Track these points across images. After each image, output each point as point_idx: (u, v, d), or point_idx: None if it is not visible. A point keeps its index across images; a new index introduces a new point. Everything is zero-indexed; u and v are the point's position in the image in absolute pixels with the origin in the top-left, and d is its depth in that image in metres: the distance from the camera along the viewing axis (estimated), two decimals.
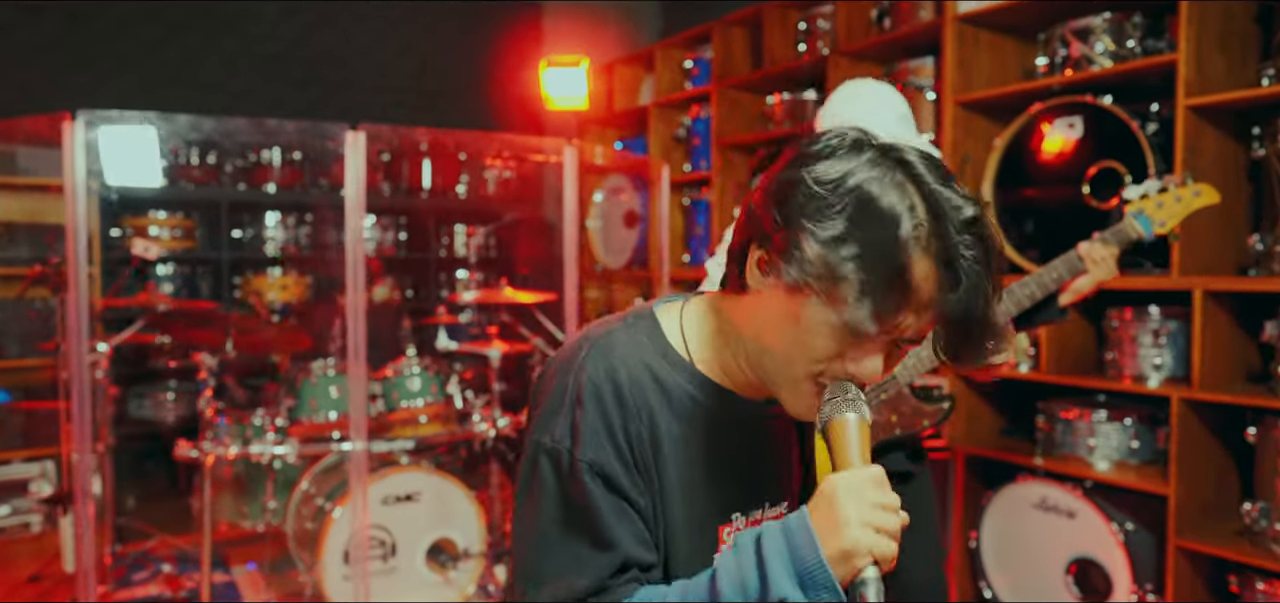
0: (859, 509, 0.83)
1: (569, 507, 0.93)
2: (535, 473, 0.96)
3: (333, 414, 3.52)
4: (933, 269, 0.86)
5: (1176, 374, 2.86)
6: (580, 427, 0.93)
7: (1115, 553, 2.91)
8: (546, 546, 0.93)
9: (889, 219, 0.85)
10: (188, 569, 3.90)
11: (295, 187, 4.94)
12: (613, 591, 0.92)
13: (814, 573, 0.82)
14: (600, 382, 0.95)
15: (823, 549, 0.83)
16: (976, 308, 0.86)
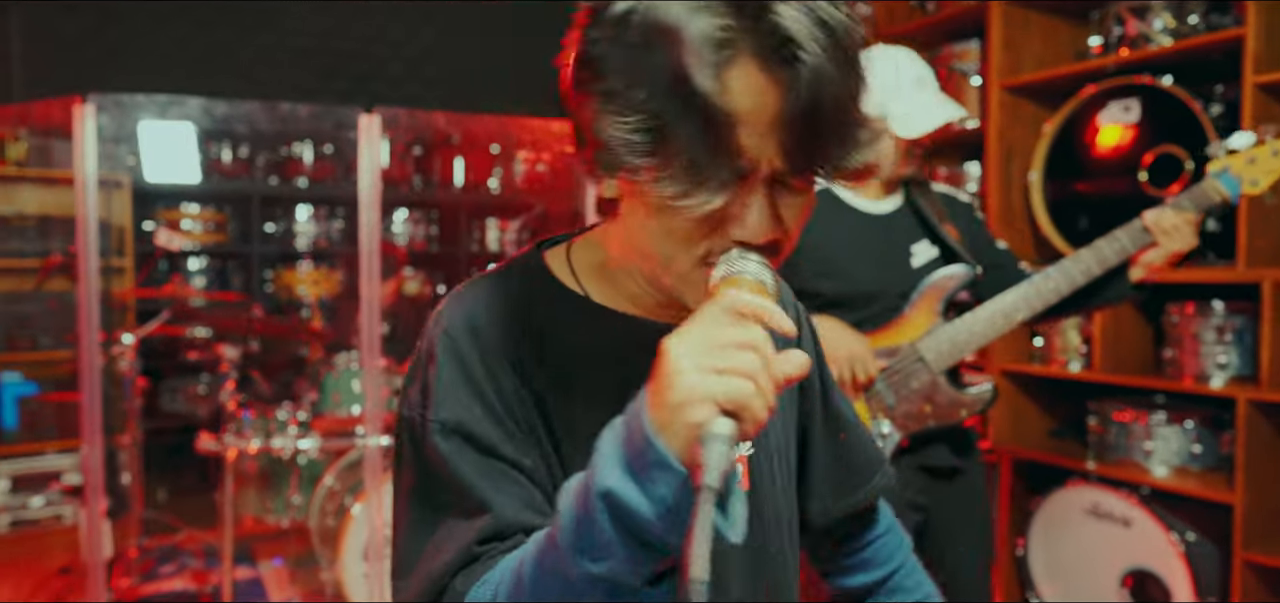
0: (692, 353, 0.62)
1: (428, 479, 0.78)
2: (398, 450, 0.81)
3: (356, 409, 3.47)
4: (753, 71, 0.66)
5: (1243, 373, 2.66)
6: (432, 385, 0.77)
7: (1175, 565, 2.72)
8: (411, 529, 0.78)
9: (675, 42, 0.66)
10: (215, 564, 3.89)
11: (327, 180, 4.92)
12: (484, 559, 0.73)
13: (643, 450, 0.61)
14: (457, 332, 0.79)
15: (650, 417, 0.61)
16: (826, 93, 0.66)
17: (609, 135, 0.69)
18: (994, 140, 3.14)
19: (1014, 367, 3.14)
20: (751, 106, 0.67)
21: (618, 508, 0.61)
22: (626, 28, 0.69)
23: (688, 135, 0.67)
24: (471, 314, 0.81)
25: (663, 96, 0.67)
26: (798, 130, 0.67)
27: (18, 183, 4.19)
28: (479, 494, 0.74)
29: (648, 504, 0.60)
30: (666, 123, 0.67)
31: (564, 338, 0.82)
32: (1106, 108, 2.87)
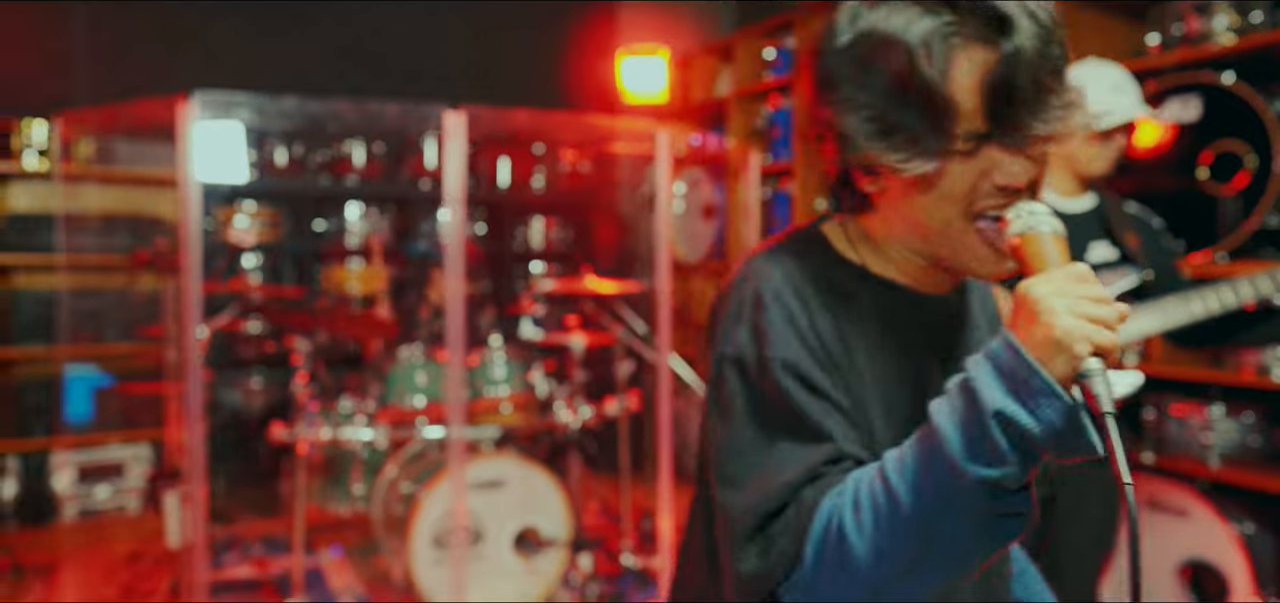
0: (1064, 299, 0.73)
1: (764, 408, 0.88)
2: (721, 386, 0.91)
3: (420, 401, 3.55)
4: (974, 49, 0.80)
5: None
6: (764, 327, 0.88)
7: (1233, 556, 2.77)
8: (742, 450, 0.88)
9: (897, 47, 0.81)
10: (275, 552, 3.98)
11: (377, 179, 5.01)
12: (828, 475, 0.84)
13: (1028, 379, 0.72)
14: (779, 284, 0.91)
15: (1029, 350, 0.73)
16: (1026, 61, 0.79)
17: (864, 138, 0.84)
18: None
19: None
20: (978, 80, 0.81)
21: (1010, 425, 0.72)
22: (855, 49, 0.84)
23: (924, 117, 0.80)
24: (788, 272, 0.92)
25: (896, 90, 0.81)
26: (1009, 93, 0.79)
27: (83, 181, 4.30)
28: (816, 423, 0.85)
29: (1036, 424, 0.72)
30: (902, 112, 0.81)
31: (851, 300, 0.93)
32: (1167, 104, 2.92)
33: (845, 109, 0.86)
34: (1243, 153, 2.73)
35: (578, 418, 3.59)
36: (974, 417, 0.74)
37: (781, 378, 0.86)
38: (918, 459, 0.77)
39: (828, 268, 0.95)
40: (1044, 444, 0.73)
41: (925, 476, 0.76)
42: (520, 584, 3.38)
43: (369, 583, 3.67)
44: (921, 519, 0.76)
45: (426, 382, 3.57)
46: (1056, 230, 0.82)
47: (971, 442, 0.73)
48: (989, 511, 0.74)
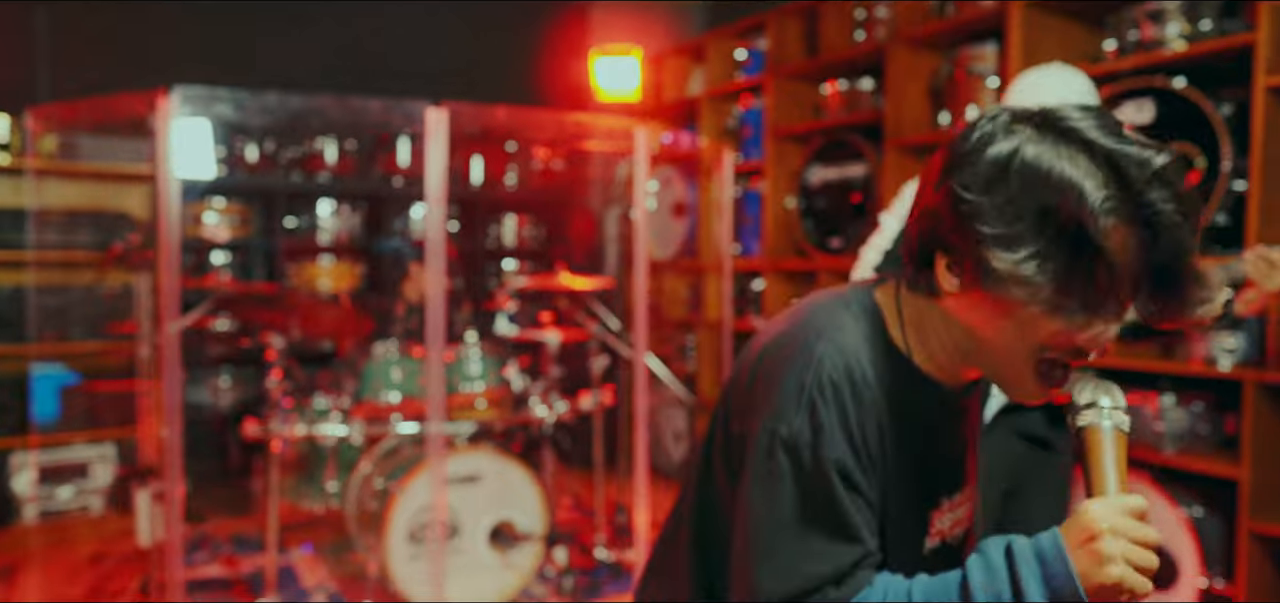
0: (1120, 544, 0.83)
1: (810, 500, 0.93)
2: (772, 463, 0.95)
3: (395, 396, 3.57)
4: (1128, 233, 0.84)
5: (1250, 356, 2.83)
6: (823, 423, 0.93)
7: (1182, 538, 2.89)
8: (786, 534, 0.93)
9: (1067, 205, 0.83)
10: (245, 551, 3.97)
11: (349, 176, 5.00)
12: (853, 578, 0.93)
13: (1064, 590, 0.84)
14: (840, 379, 0.94)
15: (1081, 581, 0.84)
16: (1179, 262, 0.84)
17: (994, 255, 0.86)
18: None
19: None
20: (1122, 259, 0.84)
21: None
22: (1014, 166, 0.86)
23: (1073, 284, 0.85)
24: (851, 360, 0.96)
25: (1057, 254, 0.84)
26: (1154, 285, 0.85)
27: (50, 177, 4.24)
28: (852, 525, 0.93)
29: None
30: (1055, 275, 0.85)
31: (897, 394, 0.98)
32: (1121, 108, 3.03)
33: (989, 238, 0.87)
34: (1193, 155, 2.86)
35: (552, 413, 3.63)
36: (1015, 593, 0.86)
37: (831, 475, 0.93)
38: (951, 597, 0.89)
39: (882, 359, 0.99)
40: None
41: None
42: (496, 578, 3.41)
43: (342, 581, 3.67)
44: None
45: (401, 378, 3.58)
46: (1119, 427, 0.90)
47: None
48: None
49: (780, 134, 4.44)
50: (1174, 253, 0.84)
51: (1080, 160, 0.84)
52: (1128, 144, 0.85)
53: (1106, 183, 0.83)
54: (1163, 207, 0.83)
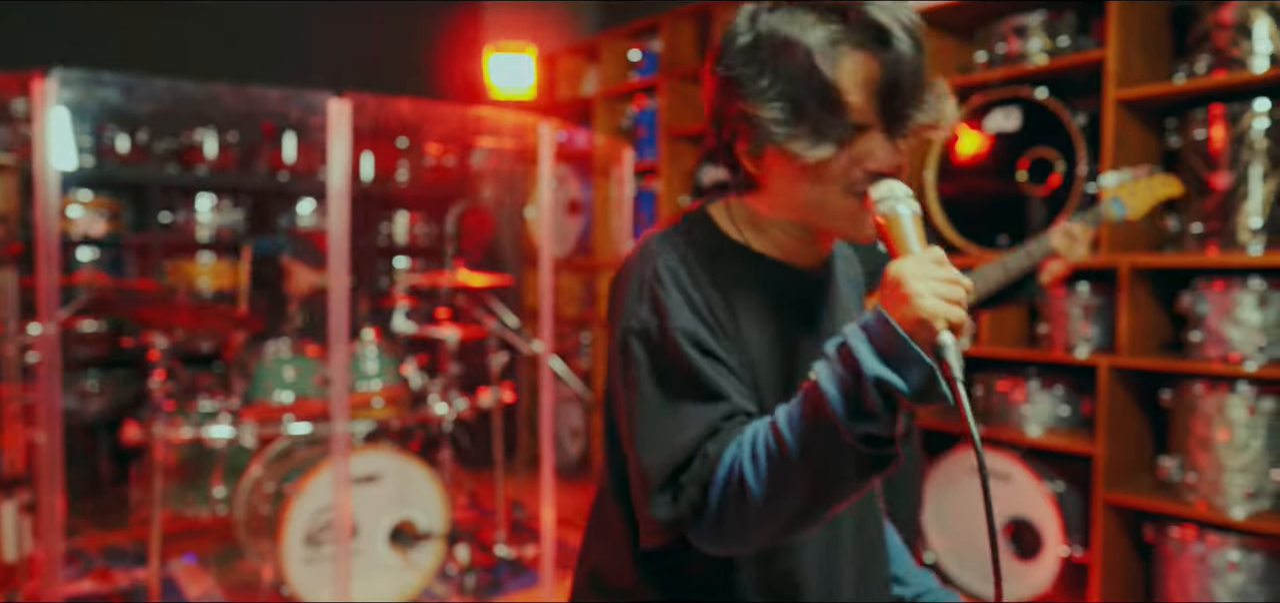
0: (926, 282, 0.88)
1: (670, 375, 0.98)
2: (629, 357, 1.01)
3: (288, 397, 3.46)
4: (859, 56, 0.94)
5: (1102, 345, 3.12)
6: (665, 303, 0.99)
7: (1047, 511, 3.15)
8: (656, 413, 0.98)
9: (798, 51, 0.95)
10: (121, 563, 3.75)
11: (229, 170, 4.79)
12: (727, 429, 0.96)
13: (899, 349, 0.86)
14: (674, 263, 1.02)
15: (900, 326, 0.86)
16: (902, 66, 0.94)
17: (761, 124, 0.96)
18: None
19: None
20: (861, 80, 0.95)
21: (884, 386, 0.86)
22: (758, 47, 0.97)
23: (821, 110, 0.94)
24: (681, 252, 1.03)
25: (798, 86, 0.95)
26: (893, 91, 0.94)
27: None
28: (714, 385, 0.97)
29: (905, 386, 0.86)
30: (804, 105, 0.95)
31: (736, 275, 1.05)
32: (991, 115, 3.28)
33: (750, 101, 0.98)
34: (1054, 159, 3.12)
35: (452, 411, 3.61)
36: (854, 381, 0.87)
37: (682, 346, 0.97)
38: (805, 416, 0.90)
39: (715, 247, 1.06)
40: (910, 400, 0.86)
41: (812, 430, 0.89)
42: (397, 578, 3.36)
43: (230, 590, 3.53)
44: (810, 466, 0.89)
45: (294, 377, 3.47)
46: (915, 212, 0.96)
47: (852, 402, 0.87)
48: (866, 455, 0.88)
49: (674, 134, 4.54)
50: (897, 58, 0.94)
51: (809, 14, 0.96)
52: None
53: (830, 19, 0.95)
54: (878, 18, 0.94)
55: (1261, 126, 2.68)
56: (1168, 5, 3.01)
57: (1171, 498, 2.84)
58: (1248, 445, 2.68)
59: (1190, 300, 2.81)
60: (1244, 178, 2.71)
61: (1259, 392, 2.66)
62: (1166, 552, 2.84)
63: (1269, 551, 2.64)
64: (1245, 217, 2.71)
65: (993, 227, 3.28)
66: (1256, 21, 2.67)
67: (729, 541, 0.96)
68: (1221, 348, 2.72)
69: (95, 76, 2.14)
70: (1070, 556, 3.10)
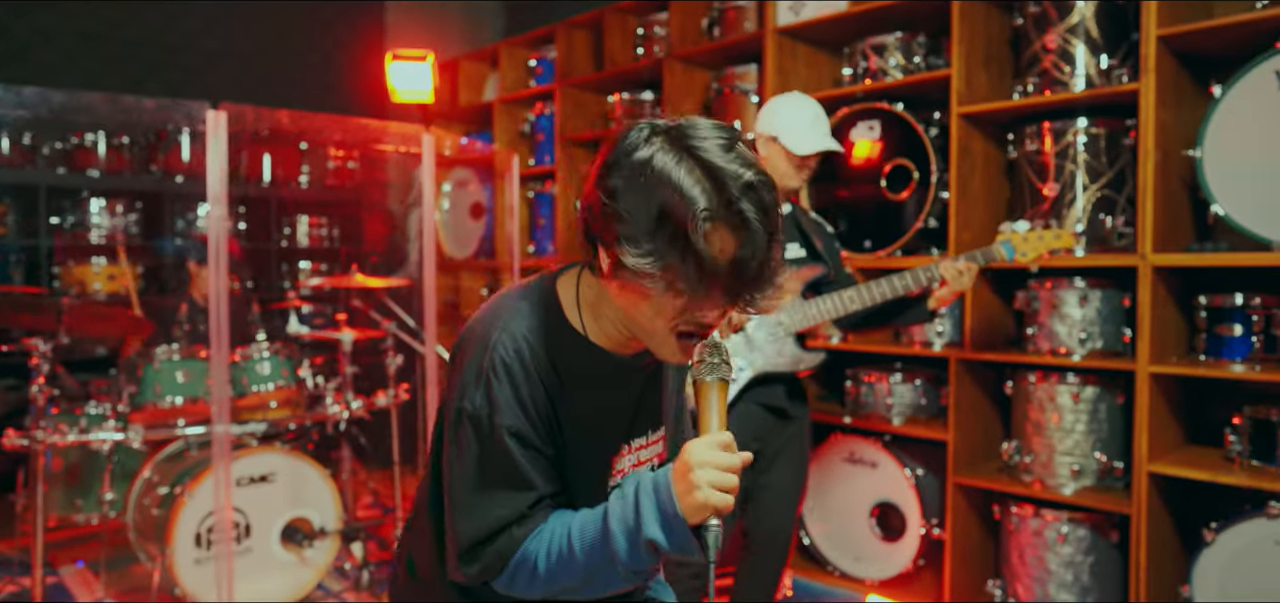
0: (708, 474, 1.05)
1: (491, 460, 1.15)
2: (459, 434, 1.17)
3: (178, 400, 3.48)
4: (725, 234, 1.02)
5: (953, 340, 3.39)
6: (496, 397, 1.13)
7: (908, 494, 3.41)
8: (474, 490, 1.16)
9: (677, 210, 1.01)
10: (6, 573, 3.71)
11: (124, 172, 4.74)
12: (531, 517, 1.16)
13: (673, 524, 1.07)
14: (510, 360, 1.14)
15: (680, 505, 1.06)
16: (759, 258, 1.03)
17: (625, 250, 1.05)
18: None
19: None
20: (718, 249, 1.03)
21: (655, 545, 1.09)
22: (645, 178, 1.04)
23: (682, 265, 1.03)
24: (519, 346, 1.15)
25: (670, 253, 1.03)
26: (742, 271, 1.05)
27: None
28: (528, 476, 1.16)
29: (670, 545, 1.09)
30: (667, 253, 1.04)
31: (570, 366, 1.19)
32: (856, 127, 3.52)
33: (625, 223, 1.04)
34: (911, 168, 3.37)
35: (347, 411, 3.68)
36: (635, 534, 1.09)
37: (505, 440, 1.14)
38: (594, 539, 1.13)
39: (555, 334, 1.18)
40: (671, 555, 1.09)
41: (597, 551, 1.12)
42: (291, 576, 3.42)
43: (122, 595, 3.53)
44: (587, 573, 1.14)
45: (186, 381, 3.49)
46: (723, 380, 1.11)
47: (630, 548, 1.10)
48: (634, 577, 1.14)
49: (569, 140, 4.69)
50: (757, 250, 1.03)
51: (694, 172, 1.01)
52: (732, 162, 1.03)
53: (709, 192, 1.01)
54: (749, 213, 1.02)
55: (1082, 141, 2.97)
56: (1007, 30, 3.29)
57: (1012, 479, 3.11)
58: (1073, 429, 2.97)
59: (1024, 298, 3.09)
60: (1069, 186, 3.00)
61: (1083, 381, 2.95)
62: (1009, 528, 3.11)
63: (1092, 524, 2.93)
64: (1071, 222, 2.99)
65: (857, 231, 3.52)
66: (1076, 47, 2.96)
67: (515, 597, 1.20)
68: (1052, 341, 3.00)
69: None
70: (929, 533, 3.36)
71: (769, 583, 2.68)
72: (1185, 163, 2.82)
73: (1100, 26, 2.94)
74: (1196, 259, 2.69)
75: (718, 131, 1.06)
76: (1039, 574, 3.02)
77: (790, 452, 2.67)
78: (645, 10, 4.44)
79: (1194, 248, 2.83)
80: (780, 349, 2.57)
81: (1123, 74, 2.89)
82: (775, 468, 2.63)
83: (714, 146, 1.04)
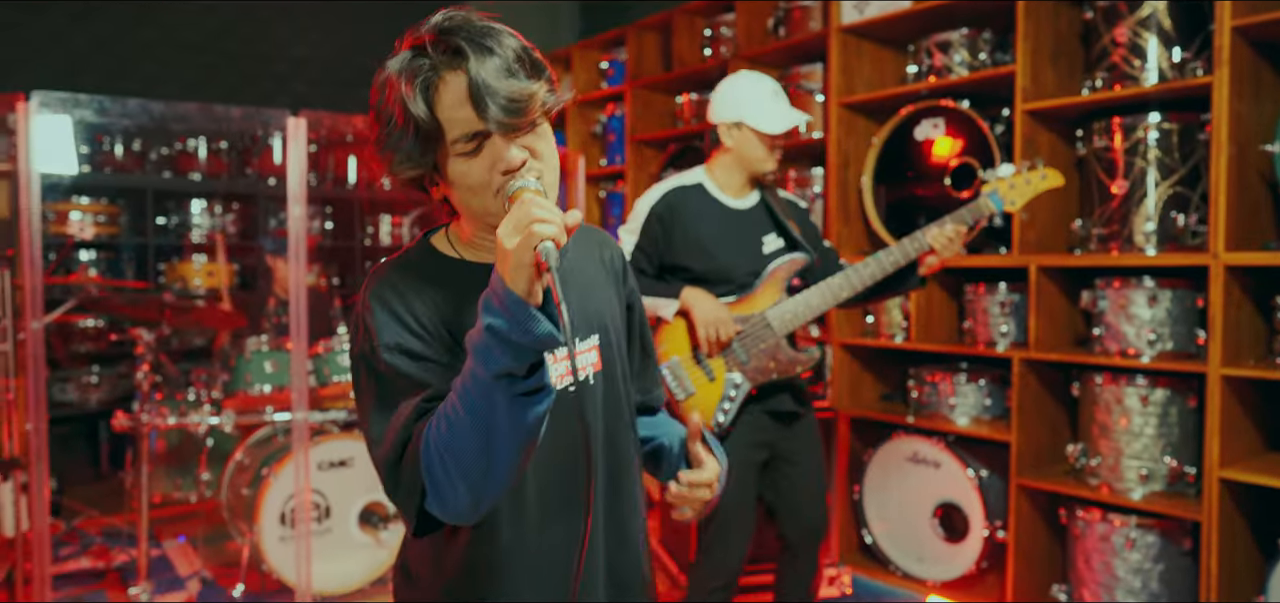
0: (509, 225, 0.96)
1: (384, 384, 1.10)
2: (357, 380, 1.15)
3: (267, 388, 3.72)
4: (441, 74, 1.05)
5: (1017, 339, 3.33)
6: (374, 326, 1.11)
7: (971, 496, 3.37)
8: (375, 418, 1.11)
9: (393, 82, 1.06)
10: (117, 544, 4.03)
11: (222, 175, 5.07)
12: (430, 412, 1.07)
13: (502, 296, 0.95)
14: (380, 290, 1.14)
15: (500, 279, 0.96)
16: (487, 65, 1.04)
17: (398, 160, 1.10)
18: (833, 149, 3.72)
19: (851, 341, 3.74)
20: (459, 97, 1.05)
21: (494, 331, 0.96)
22: (382, 97, 1.10)
23: (414, 138, 1.07)
24: (388, 279, 1.17)
25: (397, 124, 1.07)
26: (484, 96, 1.04)
27: None
28: (419, 380, 1.11)
29: (508, 321, 0.95)
30: (403, 138, 1.07)
31: (447, 285, 1.18)
32: (920, 124, 3.49)
33: (385, 144, 1.09)
34: (975, 166, 3.33)
35: None
36: (478, 334, 0.97)
37: (389, 357, 1.09)
38: (463, 378, 1.01)
39: (427, 265, 1.18)
40: (515, 334, 0.94)
41: (470, 386, 0.99)
42: (367, 556, 3.62)
43: (216, 568, 3.79)
44: (475, 416, 0.99)
45: (273, 370, 3.73)
46: (532, 186, 1.04)
47: (480, 351, 0.97)
48: (513, 395, 0.98)
49: (639, 140, 4.78)
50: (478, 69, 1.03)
51: (408, 58, 1.07)
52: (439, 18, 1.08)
53: (420, 58, 1.06)
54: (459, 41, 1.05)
55: (1153, 137, 2.89)
56: (1077, 24, 3.22)
57: (1078, 482, 3.04)
58: (1142, 433, 2.89)
59: (1090, 298, 3.02)
60: (1140, 183, 2.92)
61: (1152, 383, 2.87)
62: (1075, 532, 3.05)
63: (1162, 529, 2.85)
64: (1141, 220, 2.91)
65: None
66: (1148, 40, 2.88)
67: (451, 503, 1.04)
68: (1120, 342, 2.93)
69: (73, 98, 2.39)
70: (992, 535, 3.32)
71: (810, 575, 2.69)
72: (1263, 158, 2.71)
73: (1173, 19, 2.85)
74: (1272, 258, 2.58)
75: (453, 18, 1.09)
76: (1106, 580, 2.95)
77: (806, 451, 2.61)
78: (713, 11, 4.49)
79: (1270, 246, 2.72)
80: (775, 355, 2.45)
81: (1197, 67, 2.80)
82: (796, 470, 2.59)
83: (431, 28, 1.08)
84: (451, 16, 1.09)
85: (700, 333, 2.42)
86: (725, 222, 2.51)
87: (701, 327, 2.41)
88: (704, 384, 2.46)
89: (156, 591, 3.54)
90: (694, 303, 2.43)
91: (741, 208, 2.55)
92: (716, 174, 2.55)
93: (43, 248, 4.44)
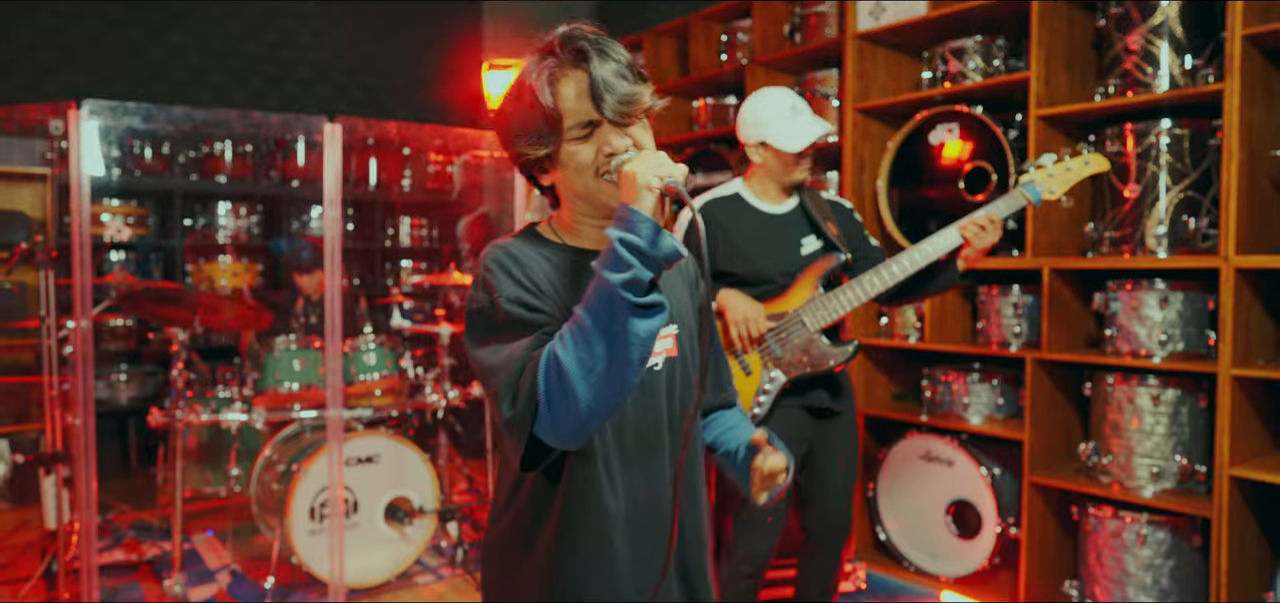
0: (640, 163, 1.16)
1: (501, 329, 1.25)
2: (474, 329, 1.31)
3: (295, 386, 3.81)
4: (565, 71, 1.24)
5: (1030, 340, 3.40)
6: (492, 283, 1.26)
7: (984, 493, 3.43)
8: (491, 357, 1.26)
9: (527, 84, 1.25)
10: (148, 538, 4.13)
11: (246, 178, 5.17)
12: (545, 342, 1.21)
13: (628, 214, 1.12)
14: (500, 255, 1.29)
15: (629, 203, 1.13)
16: (606, 67, 1.23)
17: (522, 147, 1.28)
18: (849, 153, 3.79)
19: (865, 341, 3.80)
20: (579, 92, 1.24)
21: (626, 242, 1.11)
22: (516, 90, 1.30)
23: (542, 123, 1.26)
24: (506, 247, 1.33)
25: (534, 109, 1.26)
26: (602, 91, 1.23)
27: None
28: (536, 322, 1.26)
29: (637, 237, 1.11)
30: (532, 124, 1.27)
31: (553, 263, 1.34)
32: (934, 129, 3.56)
33: (511, 134, 1.29)
34: (989, 170, 3.40)
35: (444, 400, 3.95)
36: (608, 250, 1.12)
37: (507, 307, 1.24)
38: (589, 294, 1.14)
39: (536, 246, 1.34)
40: (645, 245, 1.10)
41: (594, 299, 1.13)
42: (393, 550, 3.71)
43: (246, 562, 3.89)
44: (598, 324, 1.11)
45: (301, 369, 3.83)
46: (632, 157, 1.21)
47: (608, 264, 1.11)
48: (632, 304, 1.10)
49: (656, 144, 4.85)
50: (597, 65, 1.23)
51: (537, 60, 1.26)
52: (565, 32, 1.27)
53: (547, 59, 1.26)
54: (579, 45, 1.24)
55: (1165, 143, 2.95)
56: (1090, 31, 3.28)
57: (1090, 480, 3.11)
58: (1153, 432, 2.95)
59: (1102, 300, 3.09)
60: (1151, 187, 2.98)
61: (1163, 383, 2.93)
62: (1087, 529, 3.11)
63: (1172, 527, 2.91)
64: (1152, 224, 2.98)
65: None
66: (1159, 48, 2.94)
67: (562, 418, 1.15)
68: (1131, 343, 2.99)
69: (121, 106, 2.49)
70: (1005, 532, 3.38)
71: (831, 571, 2.76)
72: (1273, 163, 2.78)
73: (1185, 26, 2.91)
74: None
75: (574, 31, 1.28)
76: (1117, 576, 3.01)
77: (841, 448, 2.67)
78: (729, 16, 4.56)
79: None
80: (808, 349, 2.54)
81: (1208, 74, 2.86)
82: (827, 466, 2.65)
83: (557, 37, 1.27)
84: (577, 27, 1.29)
85: (732, 331, 2.52)
86: (764, 227, 2.62)
87: (733, 325, 2.51)
88: (740, 378, 2.56)
89: (188, 584, 3.64)
90: (727, 301, 2.53)
91: (779, 213, 2.64)
92: (753, 185, 2.66)
93: (68, 248, 4.56)
